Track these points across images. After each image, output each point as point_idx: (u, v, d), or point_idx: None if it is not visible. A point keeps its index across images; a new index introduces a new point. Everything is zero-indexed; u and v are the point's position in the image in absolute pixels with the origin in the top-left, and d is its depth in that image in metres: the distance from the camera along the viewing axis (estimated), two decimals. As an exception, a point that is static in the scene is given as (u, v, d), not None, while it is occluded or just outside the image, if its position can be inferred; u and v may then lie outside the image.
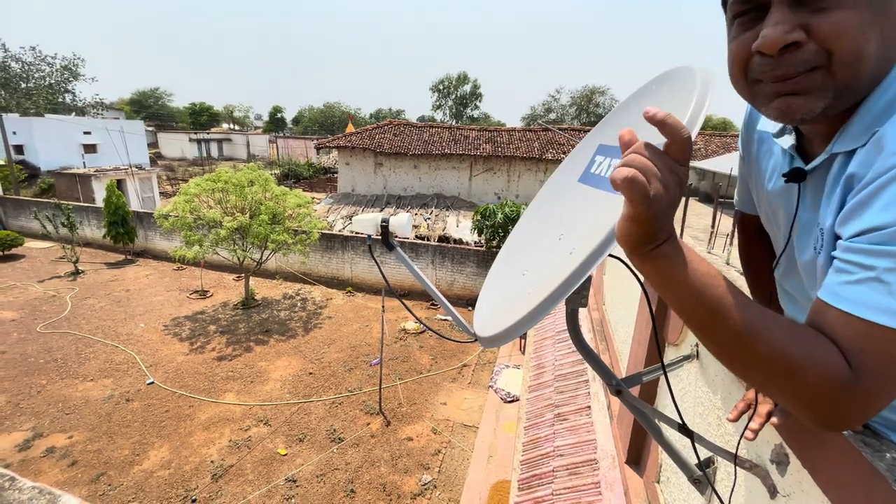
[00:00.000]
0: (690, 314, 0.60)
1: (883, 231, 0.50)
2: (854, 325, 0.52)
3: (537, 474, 2.45)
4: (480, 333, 1.24)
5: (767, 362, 0.54)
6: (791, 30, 0.59)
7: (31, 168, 25.65)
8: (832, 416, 0.54)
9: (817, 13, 0.58)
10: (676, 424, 1.07)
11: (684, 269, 0.58)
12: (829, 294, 0.56)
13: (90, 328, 10.70)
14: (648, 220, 0.56)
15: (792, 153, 0.77)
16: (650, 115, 0.57)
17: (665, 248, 0.59)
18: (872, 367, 0.51)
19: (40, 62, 33.24)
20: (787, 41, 0.59)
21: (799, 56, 0.60)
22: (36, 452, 6.86)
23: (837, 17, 0.57)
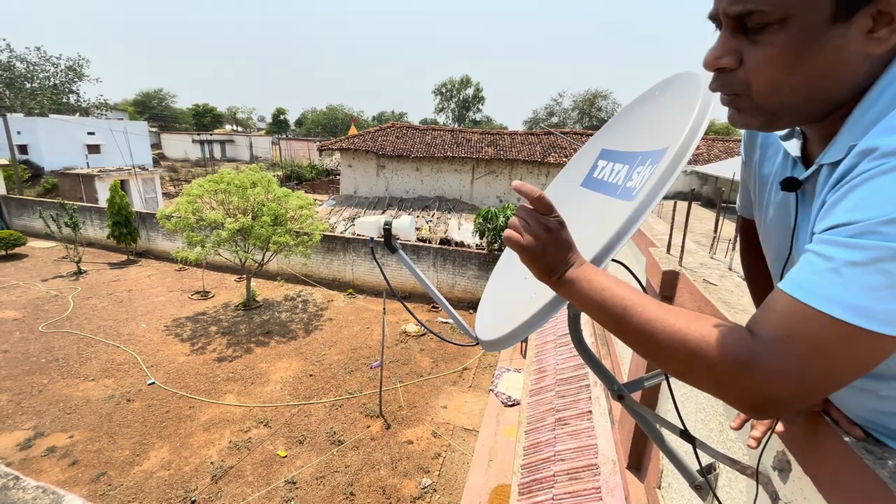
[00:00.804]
0: (603, 323, 0.70)
1: (848, 226, 0.52)
2: (796, 310, 0.54)
3: (538, 479, 2.44)
4: (482, 337, 1.24)
5: (672, 351, 0.61)
6: (722, 55, 0.64)
7: (35, 168, 25.78)
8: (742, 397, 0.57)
9: (751, 44, 0.61)
10: (678, 430, 1.07)
11: (588, 290, 0.71)
12: (785, 281, 0.58)
13: (92, 328, 10.72)
14: (534, 261, 0.76)
15: (796, 159, 0.78)
16: (516, 188, 0.77)
17: (567, 277, 0.74)
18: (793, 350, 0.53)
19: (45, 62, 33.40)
20: (715, 66, 0.65)
21: (730, 79, 0.65)
22: (37, 452, 6.87)
23: (762, 53, 0.61)
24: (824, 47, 0.58)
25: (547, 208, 0.76)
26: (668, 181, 0.89)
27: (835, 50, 0.57)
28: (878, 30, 0.55)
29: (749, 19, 0.60)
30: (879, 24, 0.55)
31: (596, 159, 1.40)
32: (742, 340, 0.56)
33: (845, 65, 0.59)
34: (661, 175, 0.90)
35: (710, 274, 2.04)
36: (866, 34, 0.56)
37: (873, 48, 0.56)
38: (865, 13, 0.54)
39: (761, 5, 0.58)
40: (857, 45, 0.57)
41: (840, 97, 0.62)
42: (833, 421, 0.82)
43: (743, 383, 0.56)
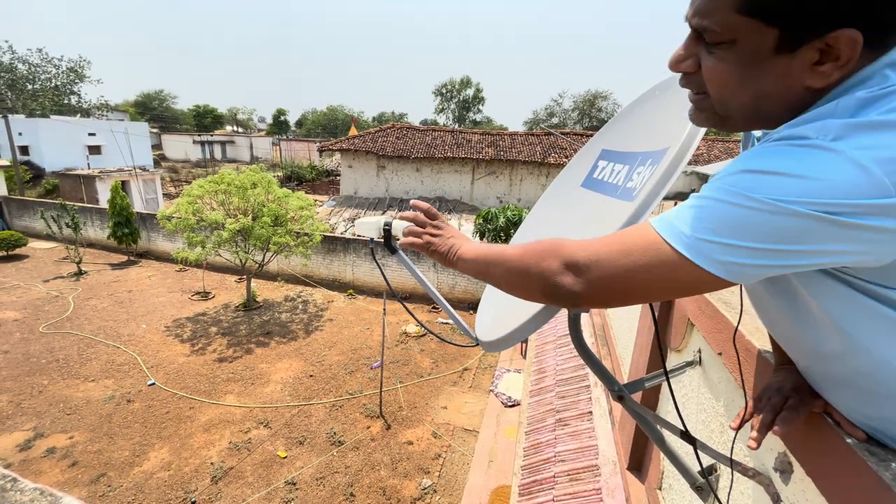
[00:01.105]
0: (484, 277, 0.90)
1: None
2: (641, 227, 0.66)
3: (538, 479, 2.44)
4: (482, 338, 1.24)
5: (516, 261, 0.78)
6: (683, 59, 0.69)
7: (36, 169, 25.83)
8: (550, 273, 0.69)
9: (709, 54, 0.65)
10: (679, 431, 1.07)
11: (471, 259, 0.93)
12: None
13: (92, 329, 10.73)
14: (433, 254, 1.03)
15: None
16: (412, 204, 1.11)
17: (458, 256, 0.97)
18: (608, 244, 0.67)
19: (47, 64, 33.49)
20: (676, 68, 0.70)
21: (694, 80, 0.70)
22: (37, 452, 6.86)
23: (714, 64, 0.64)
24: (767, 73, 0.61)
25: (434, 216, 1.06)
26: (668, 181, 0.89)
27: (778, 77, 0.60)
28: (823, 63, 0.57)
29: (705, 34, 0.63)
30: (826, 58, 0.56)
31: (596, 160, 1.40)
32: (556, 238, 0.74)
33: (787, 92, 0.61)
34: (662, 175, 0.89)
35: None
36: (811, 66, 0.58)
37: (815, 81, 0.58)
38: (812, 46, 0.56)
39: (713, 25, 0.61)
40: (800, 76, 0.59)
41: (780, 117, 0.64)
42: (835, 423, 0.82)
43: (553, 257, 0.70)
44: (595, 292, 0.66)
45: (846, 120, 0.53)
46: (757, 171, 0.56)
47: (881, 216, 0.50)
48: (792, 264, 0.57)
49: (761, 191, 0.54)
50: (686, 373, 1.65)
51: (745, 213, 0.55)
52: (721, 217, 0.57)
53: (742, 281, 0.60)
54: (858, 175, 0.50)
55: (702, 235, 0.57)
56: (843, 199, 0.50)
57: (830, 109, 0.56)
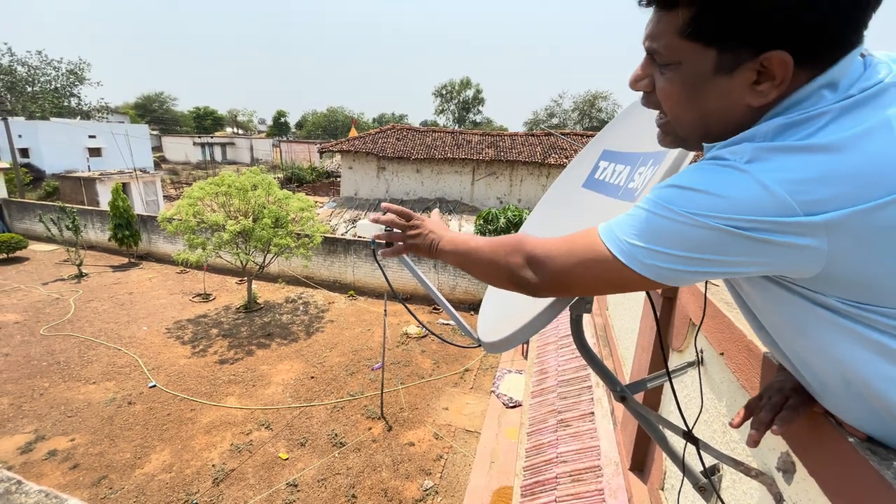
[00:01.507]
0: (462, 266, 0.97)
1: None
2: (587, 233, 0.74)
3: (540, 480, 2.44)
4: (484, 339, 1.24)
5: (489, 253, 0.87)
6: (640, 79, 0.73)
7: (37, 171, 25.86)
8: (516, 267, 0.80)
9: (661, 75, 0.69)
10: (681, 431, 1.07)
11: (451, 249, 0.99)
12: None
13: (93, 331, 10.73)
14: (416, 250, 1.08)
15: None
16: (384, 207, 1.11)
17: (439, 249, 1.01)
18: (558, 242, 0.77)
19: (46, 66, 33.55)
20: (634, 87, 0.75)
21: (650, 99, 0.74)
22: (38, 455, 6.86)
23: (664, 85, 0.69)
24: (709, 92, 0.65)
25: (407, 216, 1.08)
26: (670, 182, 0.89)
27: (719, 96, 0.64)
28: (761, 83, 0.61)
29: (655, 56, 0.69)
30: (763, 77, 0.60)
31: (598, 160, 1.40)
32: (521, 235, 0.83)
33: (730, 110, 0.65)
34: (664, 176, 0.90)
35: (711, 275, 2.03)
36: (750, 86, 0.61)
37: (753, 100, 0.62)
38: (748, 67, 0.60)
39: (661, 48, 0.66)
40: (740, 95, 0.63)
41: (725, 135, 0.67)
42: (836, 422, 0.82)
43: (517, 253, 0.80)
44: (549, 284, 0.77)
45: (760, 144, 0.58)
46: (680, 187, 0.62)
47: (786, 233, 0.55)
48: (712, 271, 0.62)
49: (681, 204, 0.60)
50: (688, 373, 1.65)
51: (667, 224, 0.61)
52: (648, 225, 0.64)
53: (668, 283, 0.66)
54: (762, 194, 0.55)
55: (631, 240, 0.65)
56: (747, 215, 0.56)
57: (751, 134, 0.61)
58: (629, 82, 0.75)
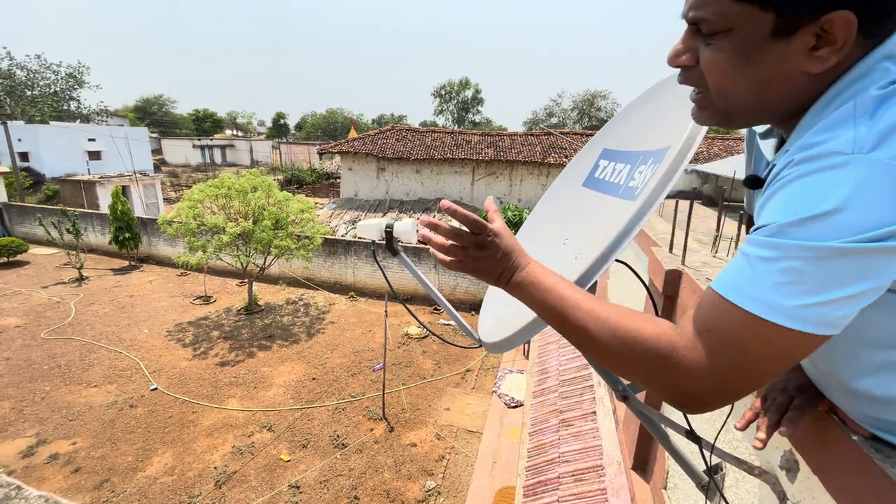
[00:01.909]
0: (549, 322, 0.75)
1: (766, 227, 0.55)
2: (716, 304, 0.58)
3: (542, 480, 2.43)
4: (485, 339, 1.24)
5: (605, 347, 0.65)
6: (681, 54, 0.69)
7: (36, 175, 25.85)
8: (667, 390, 0.61)
9: (706, 46, 0.65)
10: (684, 430, 1.07)
11: (534, 292, 0.75)
12: (715, 279, 0.61)
13: (94, 334, 10.73)
14: (477, 274, 0.81)
15: (768, 159, 0.80)
16: (445, 208, 0.80)
17: (514, 281, 0.78)
18: (711, 344, 0.57)
19: (45, 70, 33.56)
20: (675, 62, 0.70)
21: (692, 75, 0.69)
22: (39, 459, 6.86)
23: (711, 55, 0.64)
24: (765, 60, 0.60)
25: (480, 229, 0.79)
26: (670, 181, 0.88)
27: (775, 63, 0.60)
28: (820, 48, 0.57)
29: (701, 25, 0.64)
30: (822, 43, 0.56)
31: (598, 159, 1.40)
32: (665, 335, 0.60)
33: (786, 78, 0.61)
34: (664, 175, 0.89)
35: (712, 273, 2.04)
36: (808, 51, 0.57)
37: (813, 66, 0.58)
38: (808, 31, 0.56)
39: (710, 14, 0.62)
40: (798, 62, 0.59)
41: (788, 107, 0.64)
42: (840, 420, 0.82)
43: (665, 377, 0.60)
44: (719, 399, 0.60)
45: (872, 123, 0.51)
46: (819, 216, 0.51)
47: None
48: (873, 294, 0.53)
49: (837, 234, 0.50)
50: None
51: (833, 264, 0.50)
52: (812, 276, 0.51)
53: (840, 329, 0.55)
54: None
55: (804, 302, 0.52)
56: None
57: (849, 111, 0.53)
58: (668, 58, 0.71)
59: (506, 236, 0.80)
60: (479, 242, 0.78)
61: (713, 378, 0.57)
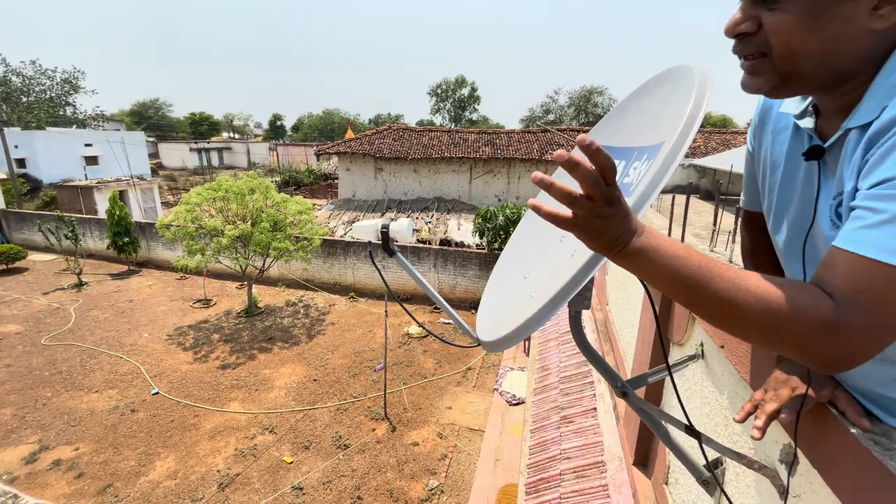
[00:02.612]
0: (675, 295, 0.66)
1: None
2: (858, 265, 0.56)
3: (544, 478, 2.43)
4: (483, 338, 1.24)
5: (755, 319, 0.60)
6: (743, 21, 0.71)
7: (34, 181, 25.81)
8: (825, 357, 0.59)
9: (770, 11, 0.68)
10: (683, 426, 1.06)
11: (657, 260, 0.63)
12: (840, 239, 0.60)
13: (94, 339, 10.72)
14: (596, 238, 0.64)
15: (811, 133, 0.82)
16: (586, 145, 0.59)
17: (630, 248, 0.64)
18: (866, 306, 0.55)
19: (41, 76, 33.45)
20: (736, 31, 0.72)
21: (750, 42, 0.72)
22: (42, 465, 6.86)
23: (777, 17, 0.67)
24: (833, 18, 0.63)
25: (612, 177, 0.61)
26: (664, 176, 0.88)
27: (843, 21, 0.63)
28: (882, 7, 0.61)
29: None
30: (883, 2, 0.60)
31: (592, 156, 1.40)
32: (821, 302, 0.57)
33: (852, 37, 0.64)
34: (658, 170, 0.89)
35: (710, 267, 2.03)
36: (871, 10, 0.61)
37: (876, 24, 0.62)
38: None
39: None
40: (863, 20, 0.62)
41: (848, 68, 0.67)
42: (839, 413, 0.81)
43: (825, 343, 0.57)
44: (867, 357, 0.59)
45: None
46: None
47: None
48: None
49: None
50: (689, 366, 1.64)
51: None
52: None
53: None
54: None
55: None
56: None
57: None
58: (727, 29, 0.73)
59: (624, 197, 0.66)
60: (610, 196, 0.61)
61: (872, 338, 0.56)
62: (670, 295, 0.67)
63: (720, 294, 0.61)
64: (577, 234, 0.66)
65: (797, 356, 0.62)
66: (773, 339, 0.61)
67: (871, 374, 0.80)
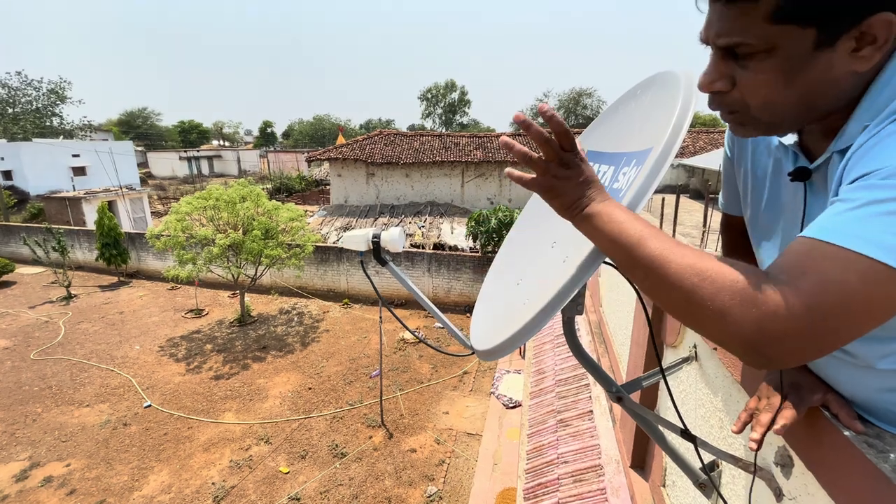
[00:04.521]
0: (615, 257, 0.67)
1: (872, 173, 0.53)
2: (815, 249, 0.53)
3: (542, 483, 2.42)
4: (478, 346, 1.23)
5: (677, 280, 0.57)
6: (715, 80, 0.69)
7: (20, 193, 25.46)
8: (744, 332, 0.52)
9: (742, 69, 0.66)
10: (678, 430, 1.06)
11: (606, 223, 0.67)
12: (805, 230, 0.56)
13: (84, 353, 10.56)
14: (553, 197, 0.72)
15: (796, 150, 0.80)
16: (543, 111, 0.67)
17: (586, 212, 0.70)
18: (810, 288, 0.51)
19: (27, 87, 33.10)
20: (710, 89, 0.70)
21: (724, 100, 0.70)
22: (33, 482, 6.73)
23: (752, 77, 0.65)
24: (811, 71, 0.62)
25: (570, 144, 0.70)
26: (653, 182, 0.88)
27: (822, 71, 0.62)
28: (862, 48, 0.59)
29: (737, 49, 0.64)
30: (863, 43, 0.58)
31: (582, 161, 1.40)
32: (751, 273, 0.54)
33: (833, 82, 0.63)
34: (647, 176, 0.89)
35: (702, 268, 2.04)
36: (851, 53, 0.59)
37: (858, 66, 0.60)
38: (850, 35, 0.58)
39: (748, 38, 0.62)
40: (843, 65, 0.61)
41: (831, 106, 0.66)
42: (833, 415, 0.82)
43: (744, 315, 0.52)
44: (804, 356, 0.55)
45: None
46: None
47: None
48: None
49: None
50: (683, 369, 1.65)
51: None
52: None
53: None
54: None
55: None
56: None
57: None
58: (700, 86, 0.71)
59: (588, 164, 0.74)
60: (565, 160, 0.71)
61: (804, 324, 0.50)
62: (614, 258, 0.68)
63: (652, 254, 0.61)
64: (539, 193, 0.74)
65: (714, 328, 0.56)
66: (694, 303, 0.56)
67: (863, 382, 0.80)
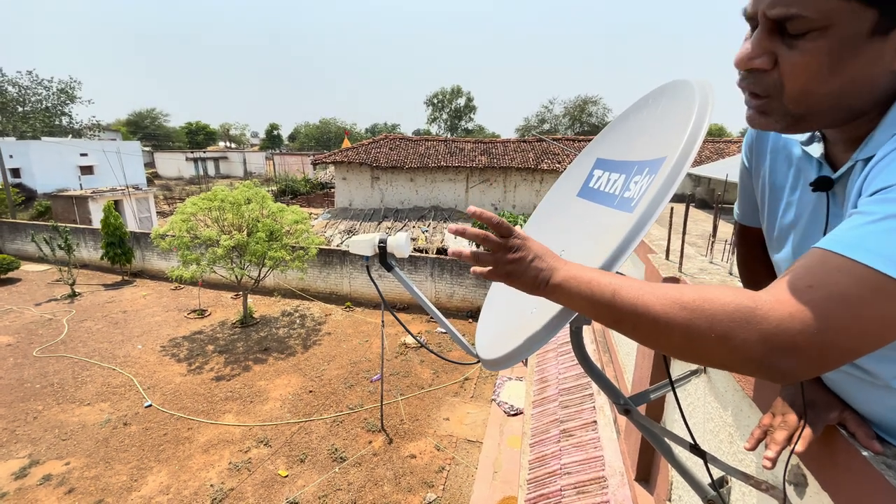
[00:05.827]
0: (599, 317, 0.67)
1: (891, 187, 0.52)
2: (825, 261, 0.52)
3: (544, 493, 2.39)
4: (483, 355, 1.21)
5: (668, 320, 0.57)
6: (757, 56, 0.63)
7: (28, 191, 25.66)
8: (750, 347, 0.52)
9: (788, 48, 0.61)
10: (688, 445, 1.04)
11: (576, 287, 0.68)
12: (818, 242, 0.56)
13: (87, 351, 10.58)
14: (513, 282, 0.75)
15: (821, 161, 0.77)
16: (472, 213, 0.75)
17: (552, 283, 0.70)
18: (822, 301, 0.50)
19: (37, 86, 33.49)
20: (748, 65, 0.65)
21: (762, 80, 0.65)
22: (32, 480, 6.72)
23: (798, 58, 0.60)
24: (859, 59, 0.58)
25: (507, 231, 0.74)
26: (668, 192, 0.87)
27: (868, 62, 0.58)
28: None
29: (790, 23, 0.59)
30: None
31: (591, 169, 1.39)
32: (743, 292, 0.54)
33: (874, 78, 0.60)
34: (662, 185, 0.88)
35: (710, 279, 2.02)
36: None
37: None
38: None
39: (806, 11, 0.57)
40: (887, 60, 0.58)
41: (863, 106, 0.63)
42: (850, 434, 0.80)
43: (747, 334, 0.51)
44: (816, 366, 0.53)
45: None
46: None
47: None
48: None
49: None
50: (691, 381, 1.62)
51: None
52: None
53: None
54: None
55: None
56: None
57: None
58: (738, 61, 0.65)
59: (533, 240, 0.76)
60: (508, 245, 0.74)
61: (811, 332, 0.49)
62: (598, 318, 0.67)
63: (632, 301, 0.60)
64: (501, 281, 0.76)
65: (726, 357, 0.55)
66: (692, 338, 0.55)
67: (881, 401, 0.78)
